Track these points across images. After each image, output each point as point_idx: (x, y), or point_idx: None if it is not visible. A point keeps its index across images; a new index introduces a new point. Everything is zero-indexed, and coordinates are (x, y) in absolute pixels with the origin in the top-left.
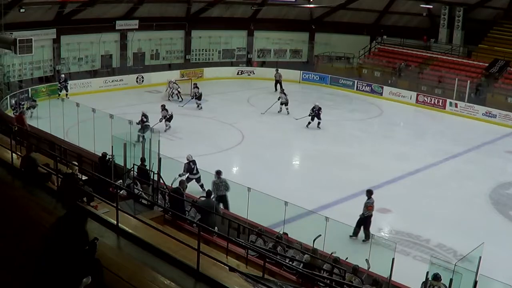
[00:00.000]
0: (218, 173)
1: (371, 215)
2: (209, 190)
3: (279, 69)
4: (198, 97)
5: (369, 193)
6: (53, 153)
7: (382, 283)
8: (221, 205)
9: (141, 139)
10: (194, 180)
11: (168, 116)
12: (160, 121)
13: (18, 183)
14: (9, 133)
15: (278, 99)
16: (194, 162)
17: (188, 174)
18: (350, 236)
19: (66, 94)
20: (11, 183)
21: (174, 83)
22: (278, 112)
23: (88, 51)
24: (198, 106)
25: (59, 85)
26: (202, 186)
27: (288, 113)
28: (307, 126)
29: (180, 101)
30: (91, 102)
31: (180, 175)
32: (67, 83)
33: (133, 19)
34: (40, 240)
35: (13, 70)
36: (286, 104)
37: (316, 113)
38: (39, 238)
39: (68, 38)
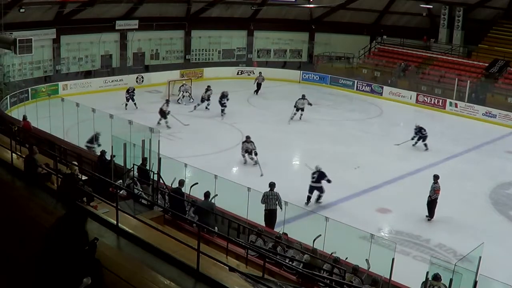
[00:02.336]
0: (271, 185)
1: (437, 198)
2: (207, 191)
3: (262, 72)
4: (208, 98)
5: (436, 177)
6: (53, 153)
7: (381, 283)
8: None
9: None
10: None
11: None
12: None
13: (18, 183)
14: (9, 133)
15: (296, 106)
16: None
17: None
18: (429, 219)
19: (135, 103)
20: (11, 183)
21: (186, 85)
22: (291, 119)
23: (88, 51)
24: (207, 107)
25: (127, 95)
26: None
27: (300, 119)
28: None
29: (191, 101)
30: (91, 102)
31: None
32: (133, 93)
33: (133, 19)
34: (40, 240)
35: (13, 70)
36: (303, 110)
37: (420, 134)
38: (39, 238)
39: (68, 38)
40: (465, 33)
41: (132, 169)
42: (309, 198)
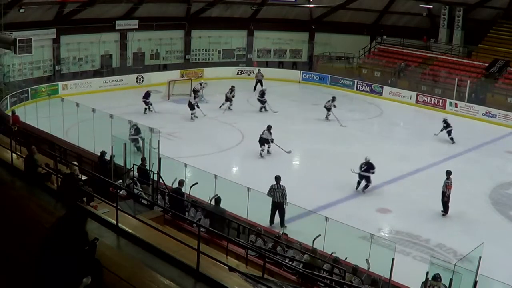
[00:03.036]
0: (277, 178)
1: (450, 193)
2: (218, 196)
3: (261, 69)
4: (233, 97)
5: (448, 173)
6: (53, 153)
7: (381, 283)
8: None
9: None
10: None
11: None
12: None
13: (18, 183)
14: (9, 133)
15: (328, 108)
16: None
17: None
18: (443, 214)
19: (150, 109)
20: (11, 183)
21: (204, 83)
22: (337, 119)
23: (88, 51)
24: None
25: (147, 100)
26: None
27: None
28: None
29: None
30: (91, 102)
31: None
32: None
33: (133, 19)
34: (40, 240)
35: (13, 70)
36: (330, 109)
37: (448, 128)
38: (39, 238)
39: (68, 38)
40: (465, 33)
41: (132, 169)
42: (358, 183)
